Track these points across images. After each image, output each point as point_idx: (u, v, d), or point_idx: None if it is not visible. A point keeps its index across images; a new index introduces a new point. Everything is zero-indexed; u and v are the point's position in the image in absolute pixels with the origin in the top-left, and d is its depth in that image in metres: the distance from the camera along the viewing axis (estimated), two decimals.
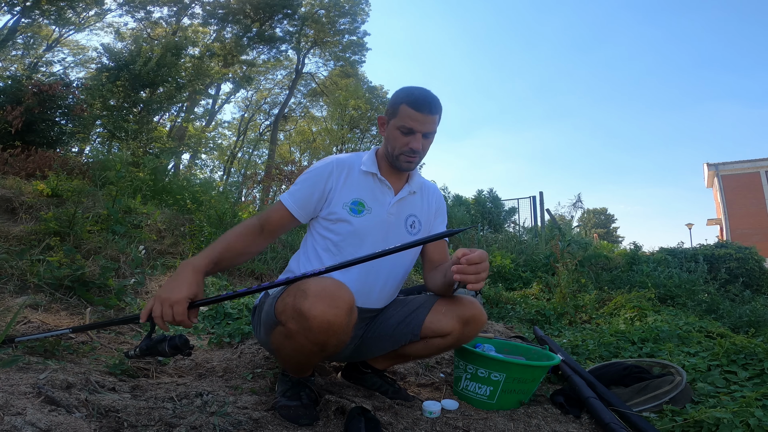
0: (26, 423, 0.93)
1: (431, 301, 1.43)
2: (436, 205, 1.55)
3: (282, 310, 1.15)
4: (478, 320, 1.39)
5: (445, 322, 1.37)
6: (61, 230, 3.01)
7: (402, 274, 1.48)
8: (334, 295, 1.09)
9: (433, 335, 1.40)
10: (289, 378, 1.36)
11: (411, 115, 1.29)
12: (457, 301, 1.41)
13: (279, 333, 1.19)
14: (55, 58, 16.22)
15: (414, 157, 1.35)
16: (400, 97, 1.32)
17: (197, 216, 4.11)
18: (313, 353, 1.19)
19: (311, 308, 1.07)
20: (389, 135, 1.36)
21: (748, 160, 17.58)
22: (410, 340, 1.41)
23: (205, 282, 3.22)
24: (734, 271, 5.45)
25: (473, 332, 1.42)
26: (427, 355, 1.51)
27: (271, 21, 18.53)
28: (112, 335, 1.98)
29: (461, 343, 1.47)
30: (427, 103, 1.29)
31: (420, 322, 1.39)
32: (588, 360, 2.27)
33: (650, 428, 1.33)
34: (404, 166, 1.37)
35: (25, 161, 5.37)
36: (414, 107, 1.29)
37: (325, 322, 1.08)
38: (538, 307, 3.68)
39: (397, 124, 1.32)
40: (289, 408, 1.25)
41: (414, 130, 1.30)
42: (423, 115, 1.29)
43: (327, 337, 1.11)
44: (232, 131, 23.04)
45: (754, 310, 3.57)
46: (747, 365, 1.80)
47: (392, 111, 1.34)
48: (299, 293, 1.11)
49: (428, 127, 1.31)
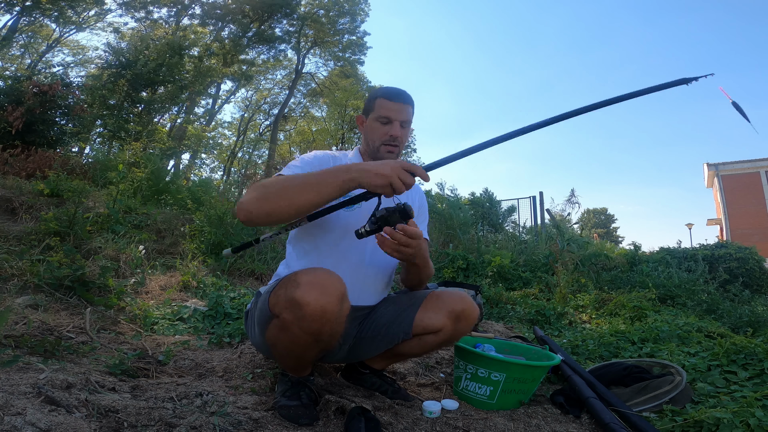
0: (26, 423, 0.93)
1: (420, 298, 1.45)
2: (419, 203, 1.58)
3: (275, 302, 1.17)
4: (470, 315, 1.40)
5: (435, 319, 1.39)
6: (61, 230, 3.01)
7: (392, 269, 1.51)
8: (325, 282, 1.11)
9: (425, 332, 1.41)
10: (289, 378, 1.36)
11: (387, 106, 1.39)
12: (447, 296, 1.43)
13: (274, 327, 1.20)
14: (56, 58, 16.24)
15: (395, 146, 1.41)
16: (375, 94, 1.45)
17: (197, 216, 4.12)
18: (308, 344, 1.19)
19: (304, 295, 1.08)
20: (369, 129, 1.43)
21: (748, 160, 17.58)
22: (403, 338, 1.42)
23: (204, 282, 3.22)
24: (734, 271, 5.45)
25: (466, 327, 1.43)
26: (423, 352, 1.52)
27: (271, 21, 18.54)
28: (112, 335, 1.98)
29: (455, 339, 1.47)
30: (401, 94, 1.41)
31: (410, 319, 1.41)
32: (588, 360, 2.27)
33: (650, 428, 1.33)
34: (386, 156, 1.41)
35: (25, 161, 5.38)
36: (389, 98, 1.40)
37: (318, 308, 1.09)
38: (538, 307, 3.68)
39: (375, 116, 1.41)
40: (289, 408, 1.25)
41: (391, 119, 1.39)
42: (397, 104, 1.39)
43: (321, 325, 1.12)
44: (232, 131, 23.07)
45: (754, 310, 3.57)
46: (747, 365, 1.80)
47: (369, 107, 1.44)
48: (291, 283, 1.13)
49: (404, 116, 1.40)
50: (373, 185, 1.08)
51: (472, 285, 3.37)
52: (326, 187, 1.10)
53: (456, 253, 5.13)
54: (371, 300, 1.48)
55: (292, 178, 1.16)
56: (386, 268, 1.49)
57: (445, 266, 4.96)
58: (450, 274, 4.85)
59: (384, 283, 1.50)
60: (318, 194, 1.10)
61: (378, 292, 1.50)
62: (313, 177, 1.13)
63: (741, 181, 17.42)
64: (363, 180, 1.08)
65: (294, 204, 1.10)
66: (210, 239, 3.73)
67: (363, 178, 1.08)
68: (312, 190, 1.10)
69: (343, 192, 1.11)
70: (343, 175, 1.10)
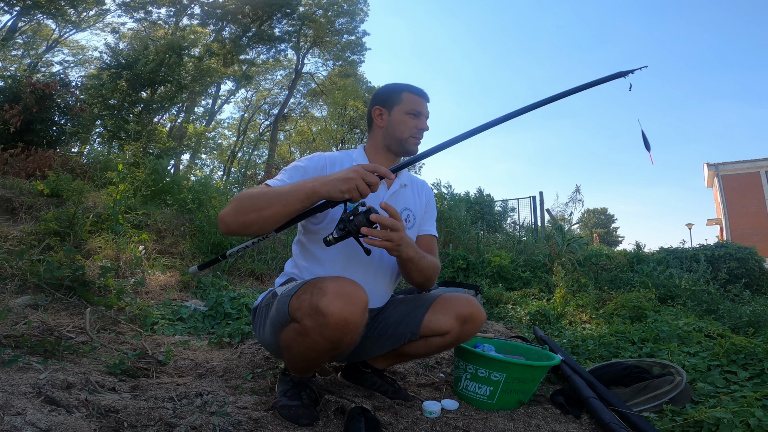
0: (26, 423, 0.93)
1: (430, 300, 1.46)
2: (426, 199, 1.60)
3: (298, 306, 1.16)
4: (477, 318, 1.42)
5: (443, 321, 1.40)
6: (61, 230, 3.01)
7: (398, 271, 1.50)
8: (351, 293, 1.12)
9: (432, 334, 1.41)
10: (290, 378, 1.36)
11: (416, 100, 1.46)
12: (456, 299, 1.43)
13: (292, 330, 1.19)
14: (56, 58, 16.24)
15: (420, 137, 1.48)
16: (398, 87, 1.48)
17: (197, 216, 4.11)
18: (326, 350, 1.19)
19: (330, 305, 1.09)
20: (396, 121, 1.45)
21: (748, 160, 17.58)
22: (409, 339, 1.42)
23: (204, 282, 3.22)
24: (734, 271, 5.45)
25: (472, 331, 1.44)
26: (427, 354, 1.52)
27: (270, 21, 18.53)
28: (112, 335, 1.98)
29: (460, 342, 1.49)
30: (424, 91, 1.50)
31: (419, 320, 1.41)
32: (588, 360, 2.27)
33: (650, 428, 1.33)
34: (413, 148, 1.47)
35: (25, 161, 5.37)
36: (417, 93, 1.47)
37: (342, 319, 1.10)
38: (538, 307, 3.68)
39: (404, 109, 1.45)
40: (290, 408, 1.25)
41: (421, 112, 1.46)
42: (423, 99, 1.48)
43: (342, 335, 1.13)
44: (232, 131, 23.06)
45: (754, 310, 3.57)
46: (747, 365, 1.80)
47: (394, 99, 1.47)
48: (317, 291, 1.13)
49: (428, 111, 1.49)
50: (340, 191, 1.12)
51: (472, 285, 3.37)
52: (291, 199, 1.15)
53: (456, 253, 5.13)
54: (380, 302, 1.50)
55: (266, 191, 1.20)
56: (392, 269, 1.49)
57: (445, 266, 4.96)
58: (450, 274, 4.85)
59: (390, 284, 1.51)
60: (285, 206, 1.15)
61: (386, 294, 1.51)
62: (284, 189, 1.18)
63: (741, 181, 17.42)
64: (325, 190, 1.13)
65: (263, 216, 1.16)
66: (210, 239, 3.73)
67: (325, 188, 1.13)
68: (279, 203, 1.15)
69: (308, 204, 1.16)
70: (308, 188, 1.15)
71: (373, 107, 1.49)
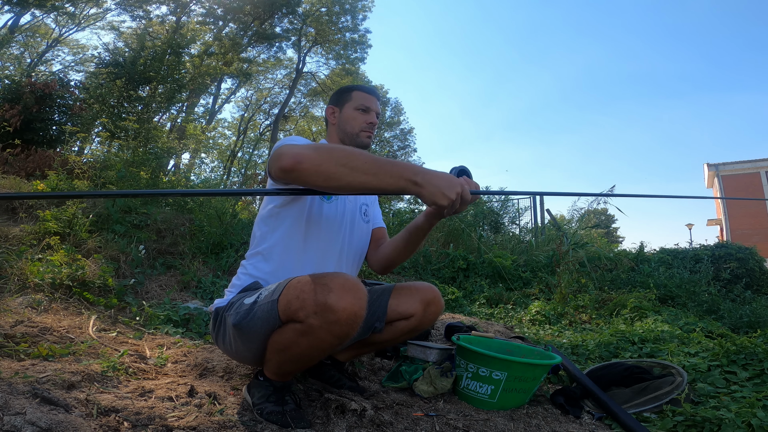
0: (26, 422, 0.93)
1: (389, 287, 1.55)
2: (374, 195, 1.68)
3: (300, 306, 1.10)
4: (438, 302, 1.53)
5: (409, 304, 1.49)
6: (61, 230, 3.01)
7: (363, 254, 1.59)
8: (355, 287, 1.11)
9: (398, 317, 1.48)
10: (271, 383, 1.29)
11: (365, 97, 1.54)
12: (418, 284, 1.55)
13: (291, 331, 1.14)
14: (56, 58, 16.24)
15: (372, 132, 1.54)
16: (349, 87, 1.58)
17: (197, 216, 4.11)
18: (330, 348, 1.16)
19: (339, 301, 1.07)
20: (346, 117, 1.53)
21: (748, 161, 17.59)
22: (376, 325, 1.45)
23: (204, 282, 3.20)
24: (735, 272, 5.46)
25: (434, 315, 1.53)
26: (391, 340, 1.55)
27: (271, 19, 18.51)
28: (112, 335, 1.98)
29: (423, 327, 1.54)
30: (374, 90, 1.60)
31: (384, 305, 1.47)
32: (588, 360, 2.27)
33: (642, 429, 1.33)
34: (365, 142, 1.53)
35: (25, 161, 5.38)
36: (366, 91, 1.57)
37: (352, 314, 1.09)
38: (538, 307, 3.68)
39: (353, 105, 1.53)
40: (282, 413, 1.20)
41: (370, 108, 1.54)
42: (372, 97, 1.56)
43: (351, 330, 1.11)
44: (232, 131, 23.06)
45: (754, 310, 3.57)
46: (747, 365, 1.80)
47: (345, 98, 1.55)
48: (321, 287, 1.08)
49: (377, 108, 1.57)
50: (444, 195, 1.04)
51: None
52: (387, 178, 1.05)
53: (456, 253, 5.12)
54: None
55: (361, 152, 1.10)
56: (361, 254, 1.57)
57: (445, 266, 4.95)
58: (450, 274, 4.84)
59: (357, 269, 1.58)
60: (376, 179, 1.05)
61: None
62: (380, 161, 1.07)
63: (741, 182, 17.42)
64: (426, 193, 1.04)
65: (351, 174, 1.04)
66: (210, 239, 3.73)
67: (429, 187, 1.04)
68: (371, 173, 1.05)
69: (398, 190, 1.06)
70: (410, 175, 1.05)
71: (327, 107, 1.58)
